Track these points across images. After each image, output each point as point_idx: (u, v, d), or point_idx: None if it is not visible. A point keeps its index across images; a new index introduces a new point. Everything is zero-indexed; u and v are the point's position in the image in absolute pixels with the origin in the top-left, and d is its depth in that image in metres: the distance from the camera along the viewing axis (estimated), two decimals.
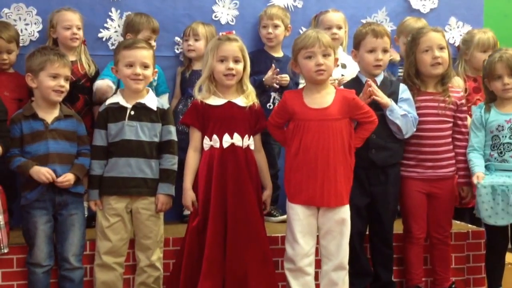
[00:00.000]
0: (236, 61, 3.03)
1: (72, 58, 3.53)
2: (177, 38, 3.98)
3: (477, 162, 3.19)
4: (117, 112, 3.09)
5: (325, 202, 2.94)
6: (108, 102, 3.13)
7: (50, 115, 3.07)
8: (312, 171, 2.94)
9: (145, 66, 3.09)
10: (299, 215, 2.96)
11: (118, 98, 3.12)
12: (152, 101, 3.13)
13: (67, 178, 3.01)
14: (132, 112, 3.08)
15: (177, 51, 3.99)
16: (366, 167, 3.15)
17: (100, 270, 3.08)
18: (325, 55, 2.96)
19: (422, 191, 3.25)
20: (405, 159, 3.27)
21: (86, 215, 3.35)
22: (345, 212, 2.97)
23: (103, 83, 3.48)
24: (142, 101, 3.10)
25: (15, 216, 3.22)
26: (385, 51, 3.21)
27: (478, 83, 3.85)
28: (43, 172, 2.95)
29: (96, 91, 3.51)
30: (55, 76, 3.03)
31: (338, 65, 3.75)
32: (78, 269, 3.07)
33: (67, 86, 3.08)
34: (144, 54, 3.09)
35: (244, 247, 2.96)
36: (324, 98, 2.99)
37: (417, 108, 3.23)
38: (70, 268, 3.04)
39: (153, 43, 3.71)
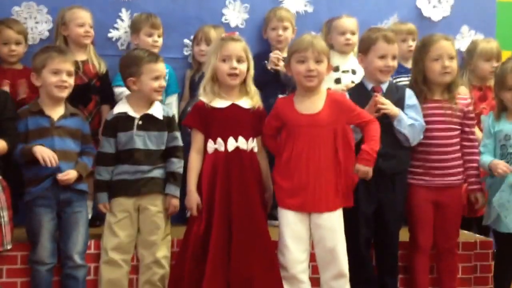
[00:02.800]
0: (239, 61, 3.01)
1: (82, 57, 3.59)
2: (186, 40, 3.99)
3: (490, 157, 3.18)
4: (126, 121, 3.11)
5: (316, 207, 2.92)
6: (116, 111, 3.15)
7: (55, 113, 3.08)
8: (303, 177, 2.92)
9: (164, 77, 3.16)
10: (289, 221, 2.94)
11: (125, 107, 3.14)
12: (158, 110, 3.16)
13: (69, 176, 3.01)
14: (140, 122, 3.11)
15: (185, 53, 4.01)
16: (374, 176, 3.11)
17: (106, 268, 3.07)
18: (318, 61, 2.93)
19: (430, 199, 3.22)
20: (413, 167, 3.24)
21: (90, 215, 3.36)
22: (336, 218, 2.93)
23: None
24: (149, 112, 3.13)
25: (21, 213, 3.21)
26: (394, 57, 3.19)
27: (483, 92, 3.84)
28: (47, 153, 2.94)
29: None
30: (56, 72, 3.04)
31: (345, 71, 3.80)
32: (82, 267, 3.06)
33: (70, 81, 3.08)
34: (164, 67, 3.16)
35: (249, 250, 2.94)
36: (314, 104, 2.96)
37: (424, 116, 3.21)
38: (74, 266, 3.04)
39: (156, 38, 3.72)
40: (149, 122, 3.12)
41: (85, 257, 3.08)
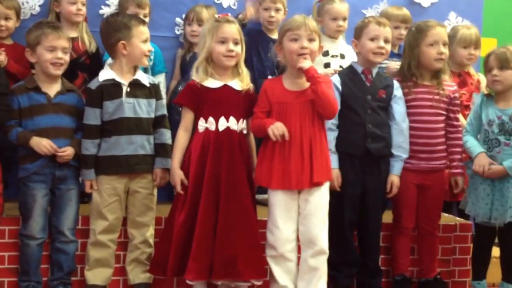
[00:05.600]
0: (236, 43, 3.01)
1: (73, 34, 3.55)
2: (178, 19, 3.99)
3: (474, 143, 3.26)
4: (113, 89, 3.03)
5: (304, 183, 2.92)
6: (101, 78, 3.05)
7: (52, 89, 3.06)
8: (289, 153, 2.93)
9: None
10: (281, 201, 2.97)
11: (111, 74, 3.05)
12: (143, 77, 3.11)
13: (67, 152, 3.01)
14: (128, 89, 3.05)
15: (177, 32, 4.00)
16: (361, 157, 3.18)
17: (94, 248, 3.09)
18: (310, 40, 2.96)
19: (414, 182, 3.29)
20: None
21: None
22: (324, 196, 2.98)
23: None
24: (136, 77, 3.07)
25: (9, 188, 3.24)
26: (386, 41, 3.22)
27: (462, 77, 3.86)
28: (44, 144, 2.96)
29: None
30: (51, 49, 3.01)
31: (335, 56, 3.81)
32: (72, 242, 3.10)
33: (65, 58, 3.06)
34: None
35: (234, 230, 2.96)
36: (304, 82, 2.96)
37: (413, 100, 3.27)
38: (65, 241, 3.07)
39: (146, 19, 3.65)
40: (137, 88, 3.06)
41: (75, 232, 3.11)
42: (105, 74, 3.07)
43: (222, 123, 3.01)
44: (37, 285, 3.06)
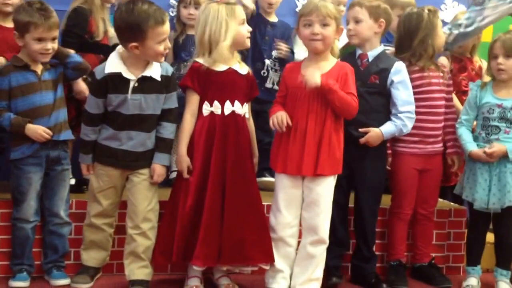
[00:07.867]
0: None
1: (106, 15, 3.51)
2: (172, 1, 3.95)
3: (467, 138, 3.26)
4: (119, 83, 2.87)
5: (309, 170, 2.91)
6: (108, 70, 2.87)
7: (39, 67, 2.98)
8: (293, 138, 2.92)
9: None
10: (284, 184, 2.97)
11: (119, 67, 2.88)
12: (156, 70, 2.94)
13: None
14: (136, 84, 2.89)
15: (171, 14, 3.95)
16: (346, 144, 3.10)
17: (89, 229, 3.06)
18: (324, 25, 2.93)
19: (418, 167, 3.30)
20: (408, 135, 3.25)
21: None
22: (328, 185, 2.97)
23: None
24: (147, 73, 2.90)
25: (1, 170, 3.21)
26: (357, 21, 3.18)
27: (463, 63, 3.87)
28: (40, 133, 2.90)
29: None
30: (40, 39, 2.90)
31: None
32: (67, 224, 3.08)
33: (54, 46, 2.95)
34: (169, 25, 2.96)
35: (241, 213, 2.94)
36: (320, 68, 2.94)
37: (426, 85, 3.27)
38: (60, 223, 3.04)
39: None
40: (146, 84, 2.90)
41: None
42: (113, 65, 2.89)
43: (228, 107, 2.98)
44: (30, 268, 3.04)
